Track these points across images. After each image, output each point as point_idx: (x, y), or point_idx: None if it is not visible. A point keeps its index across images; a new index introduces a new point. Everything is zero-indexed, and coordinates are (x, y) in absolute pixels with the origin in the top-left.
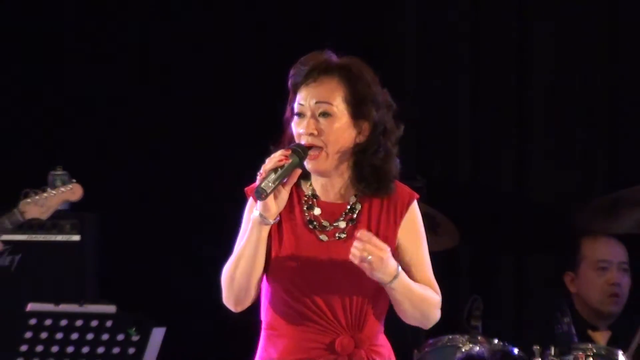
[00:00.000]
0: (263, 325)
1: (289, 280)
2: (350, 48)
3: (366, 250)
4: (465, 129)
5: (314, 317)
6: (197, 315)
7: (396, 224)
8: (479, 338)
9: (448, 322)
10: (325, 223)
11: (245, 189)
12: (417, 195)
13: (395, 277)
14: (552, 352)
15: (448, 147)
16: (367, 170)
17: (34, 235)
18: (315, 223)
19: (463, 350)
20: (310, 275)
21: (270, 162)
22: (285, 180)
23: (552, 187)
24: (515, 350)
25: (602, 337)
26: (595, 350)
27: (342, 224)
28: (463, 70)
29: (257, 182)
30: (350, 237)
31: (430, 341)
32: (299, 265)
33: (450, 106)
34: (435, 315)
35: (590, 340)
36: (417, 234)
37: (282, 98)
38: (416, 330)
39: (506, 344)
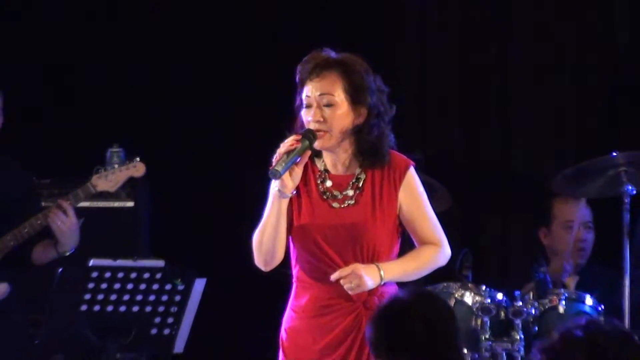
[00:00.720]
0: (294, 279)
1: (309, 242)
2: (348, 31)
3: (348, 282)
4: (455, 107)
5: (331, 270)
6: (235, 270)
7: (396, 188)
8: (469, 285)
9: (443, 272)
10: (336, 193)
11: (270, 167)
12: (412, 163)
13: (382, 277)
14: (531, 296)
15: (442, 123)
16: (366, 147)
17: (95, 202)
18: (327, 193)
19: (455, 295)
20: (327, 237)
21: (284, 146)
22: (298, 160)
23: (531, 157)
24: (500, 295)
25: (571, 282)
26: (567, 294)
27: (350, 192)
28: (453, 56)
29: (273, 164)
30: (358, 203)
31: (427, 287)
32: (317, 230)
33: (443, 88)
34: (438, 262)
35: (562, 285)
36: (416, 194)
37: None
38: (416, 280)
39: (491, 290)
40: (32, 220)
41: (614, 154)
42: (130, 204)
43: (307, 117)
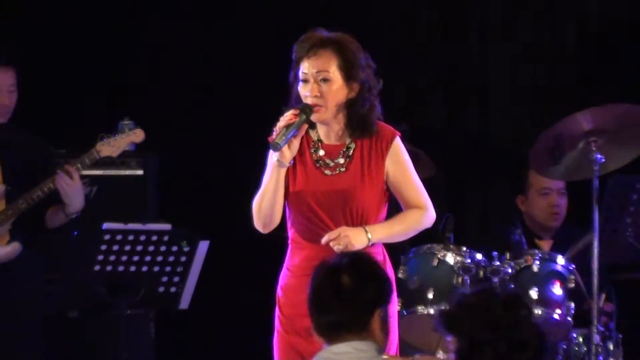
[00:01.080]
0: (289, 241)
1: (304, 206)
2: (339, 9)
3: (338, 245)
4: (439, 82)
5: (323, 232)
6: (236, 233)
7: (383, 157)
8: (451, 247)
9: (427, 234)
10: (328, 161)
11: (269, 138)
12: (398, 133)
13: (369, 238)
14: (507, 256)
15: (427, 97)
16: (356, 118)
17: (107, 171)
18: (320, 162)
19: (437, 256)
20: (319, 202)
21: (283, 120)
22: (296, 133)
23: (509, 129)
24: (479, 256)
25: (546, 245)
26: (540, 255)
27: (341, 160)
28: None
29: (273, 137)
30: (348, 170)
31: (413, 249)
32: (310, 195)
33: (428, 65)
34: (424, 224)
35: (537, 247)
36: (402, 162)
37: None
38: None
39: (471, 251)
40: (41, 185)
41: (578, 114)
42: (140, 172)
43: (304, 92)
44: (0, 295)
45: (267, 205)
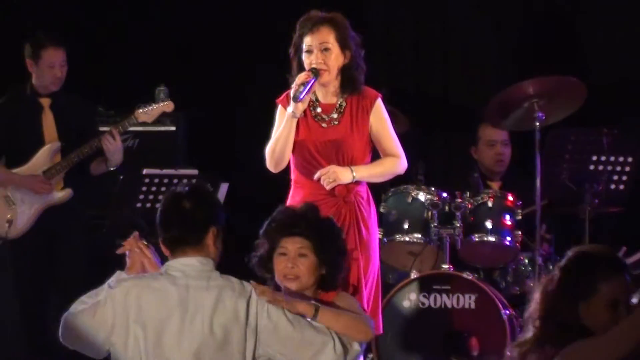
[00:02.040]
0: (292, 182)
1: (305, 152)
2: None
3: (327, 179)
4: (411, 51)
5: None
6: (253, 175)
7: (367, 113)
8: (422, 187)
9: (403, 178)
10: (324, 116)
11: (276, 100)
12: (380, 95)
13: (354, 175)
14: (467, 195)
15: (402, 64)
16: (347, 79)
17: (146, 127)
18: (318, 117)
19: (412, 194)
20: (317, 149)
21: (300, 79)
22: (310, 89)
23: (466, 92)
24: (445, 194)
25: (496, 185)
26: (494, 193)
27: (335, 115)
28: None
29: (292, 92)
30: (340, 123)
31: (392, 189)
32: (310, 143)
33: (402, 36)
34: (399, 169)
35: (490, 187)
36: (382, 118)
37: None
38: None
39: (439, 190)
40: (90, 142)
41: (525, 82)
42: (173, 128)
43: (309, 60)
44: (57, 228)
45: (280, 148)
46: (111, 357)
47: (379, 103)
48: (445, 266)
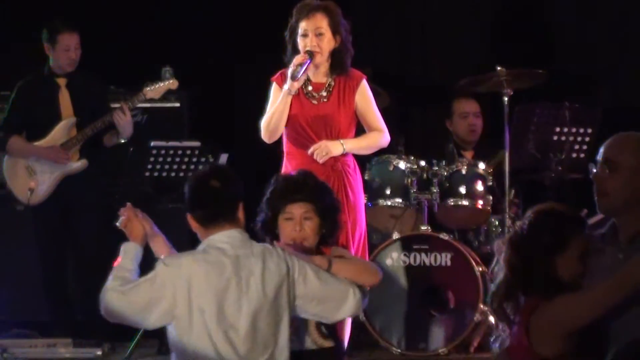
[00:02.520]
0: (284, 154)
1: (297, 125)
2: None
3: (320, 153)
4: (392, 35)
5: (310, 145)
6: (249, 146)
7: (353, 92)
8: (402, 156)
9: (385, 148)
10: (315, 94)
11: (271, 78)
12: (365, 76)
13: (344, 148)
14: (443, 163)
15: (384, 46)
16: (337, 61)
17: (154, 104)
18: (309, 94)
19: (393, 163)
20: (308, 122)
21: (297, 60)
22: (306, 68)
23: (444, 68)
24: (423, 162)
25: (469, 154)
26: (467, 161)
27: (324, 93)
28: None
29: (290, 71)
30: (329, 100)
31: (375, 158)
32: (302, 118)
33: (385, 19)
34: (382, 142)
35: (463, 156)
36: (367, 97)
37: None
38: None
39: (416, 159)
40: (103, 117)
41: (498, 68)
42: (177, 104)
43: (304, 42)
44: (74, 195)
45: (275, 122)
46: (170, 331)
47: (364, 83)
48: (424, 228)
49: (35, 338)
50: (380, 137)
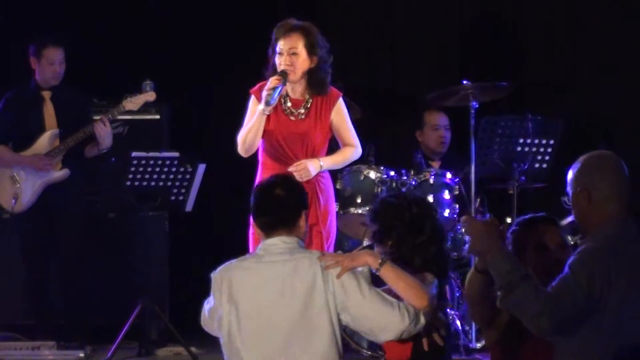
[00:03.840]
0: (259, 165)
1: (274, 140)
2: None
3: (300, 174)
4: (362, 53)
5: (284, 159)
6: (226, 157)
7: (330, 110)
8: (373, 166)
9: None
10: (293, 110)
11: (250, 90)
12: (341, 94)
13: (321, 166)
14: (412, 173)
15: (355, 61)
16: (314, 80)
17: (134, 116)
18: (287, 110)
19: (363, 173)
20: (285, 138)
21: (271, 83)
22: (280, 93)
23: (412, 82)
24: (392, 172)
25: (436, 165)
26: (434, 171)
27: (302, 110)
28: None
29: (265, 96)
30: (306, 117)
31: (347, 168)
32: (279, 133)
33: (355, 38)
34: (356, 156)
35: (431, 166)
36: (342, 114)
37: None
38: None
39: (387, 169)
40: (84, 129)
41: (464, 81)
42: (157, 116)
43: (279, 61)
44: (57, 204)
45: (251, 138)
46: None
47: (341, 101)
48: None
49: (20, 341)
50: (354, 152)
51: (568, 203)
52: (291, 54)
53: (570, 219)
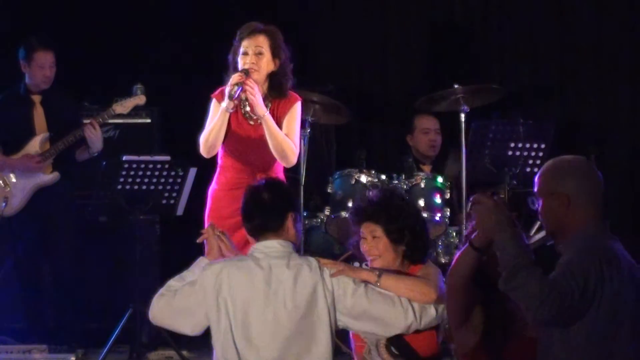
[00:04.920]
0: (218, 167)
1: (234, 142)
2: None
3: (250, 90)
4: (353, 58)
5: (244, 161)
6: (217, 161)
7: (286, 112)
8: (364, 170)
9: (349, 163)
10: (252, 114)
11: (211, 95)
12: (300, 99)
13: (265, 114)
14: (403, 177)
15: (345, 63)
16: (274, 84)
17: (125, 119)
18: (247, 114)
19: (354, 177)
20: (244, 141)
21: (234, 79)
22: (242, 88)
23: (402, 87)
24: (383, 176)
25: (427, 168)
26: (425, 175)
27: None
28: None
29: (228, 91)
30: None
31: (338, 172)
32: (238, 136)
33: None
34: (291, 160)
35: (422, 170)
36: (292, 119)
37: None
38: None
39: (378, 173)
40: (74, 132)
41: (455, 85)
42: (148, 120)
43: (244, 61)
44: (48, 208)
45: (213, 138)
46: (211, 333)
47: (297, 106)
48: None
49: (11, 344)
50: (292, 146)
51: (534, 205)
52: (257, 53)
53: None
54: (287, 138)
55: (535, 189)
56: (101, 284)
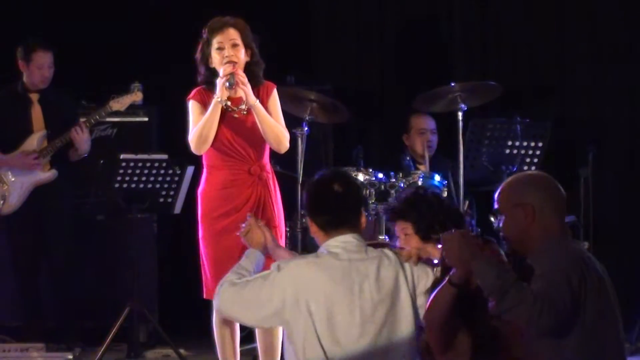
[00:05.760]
0: (206, 167)
1: (222, 138)
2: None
3: (241, 79)
4: (352, 59)
5: (236, 156)
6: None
7: (267, 99)
8: (361, 169)
9: (345, 162)
10: (234, 107)
11: (188, 98)
12: (275, 86)
13: (255, 103)
14: (400, 175)
15: (343, 59)
16: (251, 74)
17: (123, 118)
18: (230, 109)
19: (353, 175)
20: (231, 134)
21: (226, 70)
22: (235, 79)
23: (400, 86)
24: (381, 175)
25: (424, 168)
26: (422, 174)
27: (243, 106)
28: None
29: (224, 81)
30: (249, 112)
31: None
32: (226, 130)
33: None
34: (285, 145)
35: (418, 169)
36: (275, 103)
37: None
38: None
39: (375, 171)
40: (66, 132)
41: (452, 84)
42: (146, 119)
43: (221, 55)
44: (46, 205)
45: (206, 132)
46: (285, 334)
47: (274, 92)
48: (381, 237)
49: (8, 343)
50: (283, 129)
51: (496, 220)
52: (233, 45)
53: None
54: (277, 123)
55: (496, 206)
56: (99, 282)
